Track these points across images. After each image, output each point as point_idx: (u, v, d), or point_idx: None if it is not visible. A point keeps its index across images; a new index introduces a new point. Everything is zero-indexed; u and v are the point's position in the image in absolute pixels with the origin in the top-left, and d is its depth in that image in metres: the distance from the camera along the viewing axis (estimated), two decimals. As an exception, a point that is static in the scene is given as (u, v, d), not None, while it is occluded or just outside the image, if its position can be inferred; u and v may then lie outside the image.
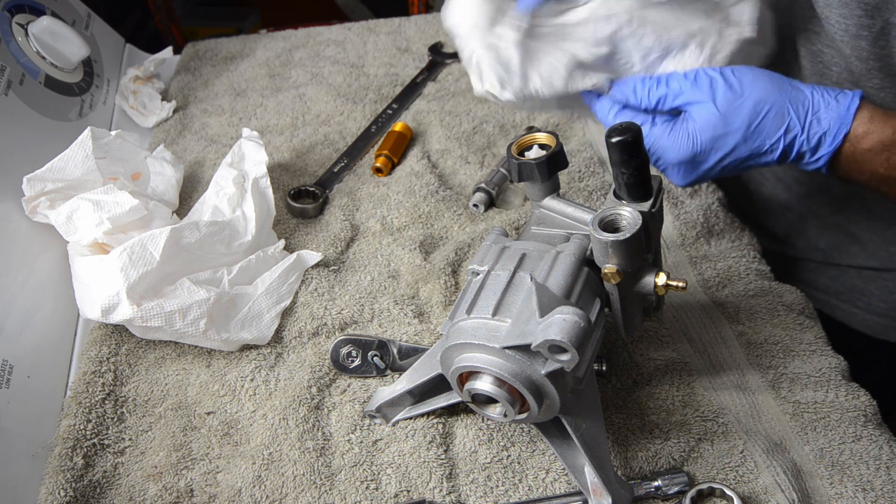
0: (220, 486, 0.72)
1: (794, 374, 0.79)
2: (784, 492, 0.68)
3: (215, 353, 0.83)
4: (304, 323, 0.85)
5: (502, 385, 0.60)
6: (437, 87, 1.24)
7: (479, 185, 1.00)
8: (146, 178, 0.95)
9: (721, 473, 0.71)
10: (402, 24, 1.41)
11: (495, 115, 1.16)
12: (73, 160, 0.85)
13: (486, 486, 0.70)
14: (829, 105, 0.69)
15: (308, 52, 1.33)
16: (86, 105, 1.08)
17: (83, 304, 0.80)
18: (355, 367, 0.80)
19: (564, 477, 0.71)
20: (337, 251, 0.94)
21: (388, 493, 0.70)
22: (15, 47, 1.00)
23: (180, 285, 0.78)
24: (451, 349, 0.62)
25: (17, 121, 0.94)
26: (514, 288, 0.62)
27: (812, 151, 0.70)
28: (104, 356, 0.81)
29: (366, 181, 1.06)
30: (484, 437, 0.73)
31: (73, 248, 0.85)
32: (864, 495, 0.68)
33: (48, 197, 0.86)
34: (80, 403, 0.76)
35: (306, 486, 0.71)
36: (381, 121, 1.16)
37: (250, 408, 0.78)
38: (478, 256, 0.68)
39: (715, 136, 0.70)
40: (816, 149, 0.70)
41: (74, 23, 1.14)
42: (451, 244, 0.94)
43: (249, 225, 0.88)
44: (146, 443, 0.75)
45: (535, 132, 0.69)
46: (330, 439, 0.75)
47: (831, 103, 0.69)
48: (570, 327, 0.53)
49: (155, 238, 0.78)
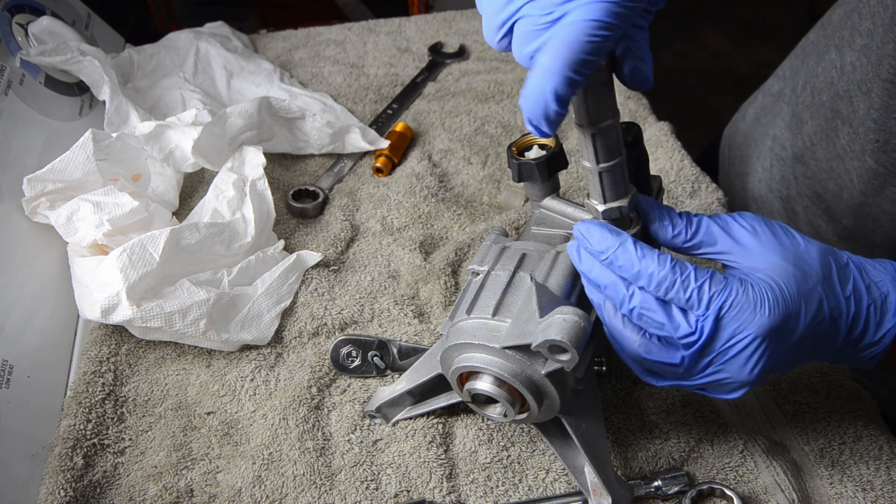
0: (220, 486, 0.72)
1: (794, 373, 0.79)
2: (784, 492, 0.68)
3: (215, 354, 0.83)
4: (304, 323, 0.85)
5: (502, 385, 0.60)
6: (438, 87, 1.24)
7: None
8: (147, 179, 0.95)
9: (721, 473, 0.71)
10: (402, 24, 1.41)
11: (497, 116, 1.16)
12: (73, 161, 0.85)
13: (486, 486, 0.70)
14: (875, 268, 0.58)
15: (308, 52, 1.33)
16: (86, 105, 1.08)
17: (83, 304, 0.80)
18: (355, 367, 0.80)
19: (564, 477, 0.71)
20: (337, 251, 0.94)
21: (388, 493, 0.70)
22: (15, 47, 1.00)
23: (180, 286, 0.78)
24: (451, 349, 0.62)
25: (17, 121, 0.94)
26: (514, 288, 0.62)
27: (876, 326, 0.56)
28: (104, 356, 0.81)
29: (366, 181, 1.06)
30: (484, 437, 0.73)
31: (73, 249, 0.85)
32: (864, 495, 0.68)
33: (48, 197, 0.86)
34: (80, 403, 0.76)
35: (306, 486, 0.71)
36: (381, 121, 1.16)
37: (250, 408, 0.78)
38: (478, 256, 0.68)
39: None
40: (881, 322, 0.56)
41: (74, 23, 1.14)
42: (451, 244, 0.94)
43: (249, 227, 0.88)
44: (146, 443, 0.75)
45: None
46: (330, 439, 0.75)
47: (876, 267, 0.58)
48: (570, 327, 0.53)
49: (155, 239, 0.78)
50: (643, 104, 1.17)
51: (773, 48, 3.27)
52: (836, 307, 0.56)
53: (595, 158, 0.55)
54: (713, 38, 3.44)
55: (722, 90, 3.09)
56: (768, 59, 1.04)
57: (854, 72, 0.80)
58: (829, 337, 0.56)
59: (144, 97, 1.10)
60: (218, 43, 1.20)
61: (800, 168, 0.93)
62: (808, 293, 0.54)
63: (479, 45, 1.34)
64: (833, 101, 0.84)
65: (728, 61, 3.30)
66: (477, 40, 1.36)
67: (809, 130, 0.90)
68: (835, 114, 0.84)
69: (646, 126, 1.12)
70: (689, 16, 3.51)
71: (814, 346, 0.57)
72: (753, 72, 1.08)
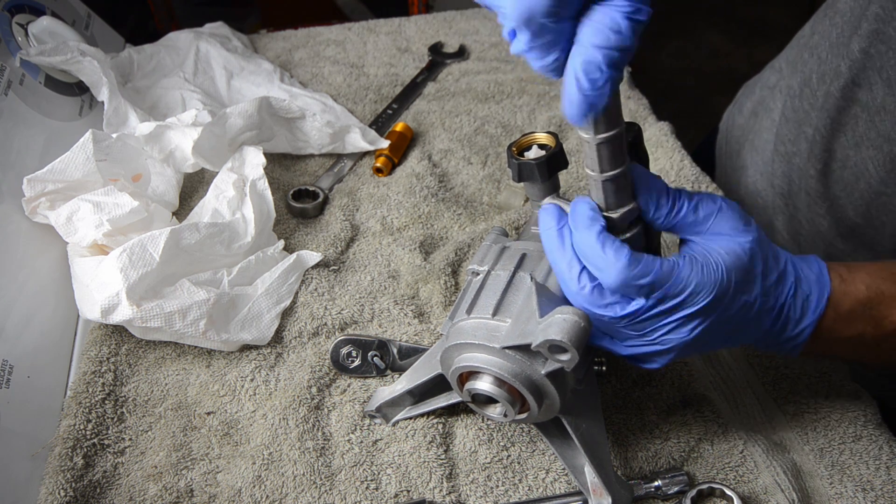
0: (220, 486, 0.72)
1: (794, 374, 0.79)
2: (784, 492, 0.68)
3: (215, 354, 0.83)
4: (304, 323, 0.85)
5: (502, 385, 0.60)
6: (438, 87, 1.24)
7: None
8: (147, 179, 0.95)
9: (721, 473, 0.71)
10: (402, 24, 1.41)
11: (497, 116, 1.16)
12: (73, 162, 0.85)
13: (486, 486, 0.70)
14: (802, 267, 0.61)
15: (308, 52, 1.33)
16: (86, 105, 1.08)
17: (83, 304, 0.80)
18: (355, 367, 0.80)
19: (564, 477, 0.71)
20: (337, 251, 0.94)
21: (388, 493, 0.70)
22: (15, 47, 1.00)
23: (180, 286, 0.78)
24: (451, 349, 0.62)
25: (17, 121, 0.94)
26: (514, 288, 0.62)
27: (796, 321, 0.61)
28: (104, 356, 0.81)
29: (366, 181, 1.06)
30: (484, 437, 0.73)
31: (73, 249, 0.85)
32: (864, 495, 0.68)
33: (48, 198, 0.86)
34: (80, 403, 0.76)
35: (306, 486, 0.71)
36: (381, 121, 1.16)
37: (250, 408, 0.78)
38: (477, 256, 0.68)
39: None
40: (801, 318, 0.61)
41: (74, 23, 1.14)
42: (451, 244, 0.94)
43: (249, 227, 0.88)
44: (146, 443, 0.75)
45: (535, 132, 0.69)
46: (330, 439, 0.75)
47: (803, 266, 0.61)
48: (570, 327, 0.53)
49: (155, 239, 0.78)
50: (643, 104, 1.17)
51: (773, 48, 3.25)
52: (766, 297, 0.59)
53: (599, 167, 0.55)
54: (713, 38, 3.44)
55: (722, 90, 3.08)
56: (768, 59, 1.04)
57: (867, 58, 0.79)
58: (752, 323, 0.60)
59: (144, 97, 1.10)
60: (218, 43, 1.20)
61: (806, 161, 0.92)
62: (745, 280, 0.58)
63: (479, 45, 1.34)
64: (845, 88, 0.83)
65: (728, 61, 3.30)
66: (477, 40, 1.36)
67: (817, 121, 0.88)
68: (848, 102, 0.83)
69: (646, 126, 1.12)
70: (688, 16, 3.51)
71: (737, 329, 0.60)
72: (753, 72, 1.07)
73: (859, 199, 0.85)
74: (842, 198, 0.88)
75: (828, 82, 0.86)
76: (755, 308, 0.59)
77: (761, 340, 0.62)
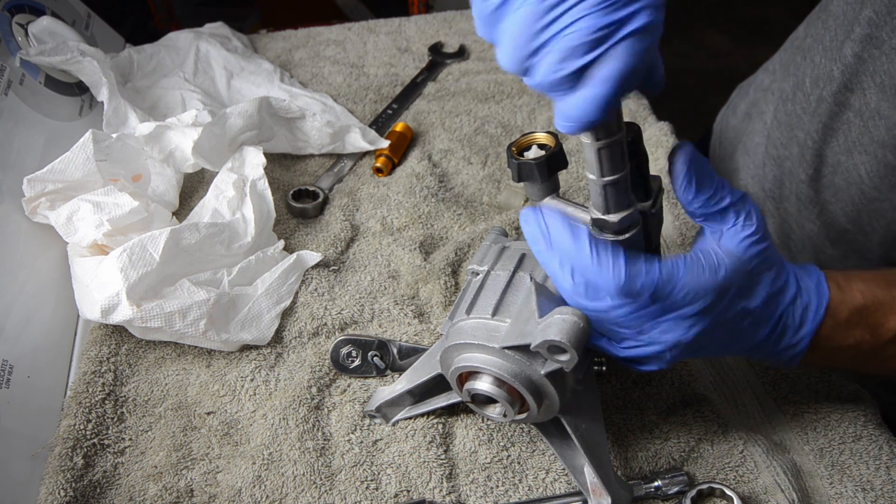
0: (220, 486, 0.72)
1: (794, 374, 0.79)
2: (784, 492, 0.68)
3: (215, 354, 0.83)
4: (304, 323, 0.85)
5: (502, 385, 0.60)
6: (438, 87, 1.24)
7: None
8: (147, 179, 0.95)
9: (721, 473, 0.71)
10: (402, 24, 1.41)
11: (497, 116, 1.16)
12: (73, 162, 0.85)
13: (486, 486, 0.70)
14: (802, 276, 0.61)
15: (308, 52, 1.33)
16: (86, 105, 1.08)
17: (83, 304, 0.80)
18: (355, 367, 0.80)
19: (564, 477, 0.71)
20: (337, 251, 0.94)
21: (388, 493, 0.70)
22: (15, 47, 1.00)
23: (180, 286, 0.78)
24: (451, 349, 0.62)
25: (17, 121, 0.94)
26: (514, 288, 0.62)
27: (795, 330, 0.60)
28: (104, 356, 0.81)
29: (366, 181, 1.06)
30: (484, 437, 0.73)
31: (73, 249, 0.85)
32: (864, 495, 0.68)
33: (48, 198, 0.86)
34: (80, 403, 0.76)
35: (306, 486, 0.71)
36: (381, 121, 1.16)
37: (250, 408, 0.78)
38: (477, 256, 0.68)
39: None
40: (800, 326, 0.60)
41: (74, 23, 1.14)
42: (451, 244, 0.94)
43: (249, 227, 0.88)
44: (146, 443, 0.75)
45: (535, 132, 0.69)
46: (330, 439, 0.75)
47: (803, 275, 0.61)
48: (569, 328, 0.53)
49: (155, 239, 0.78)
50: (643, 104, 1.17)
51: (773, 48, 3.25)
52: (766, 306, 0.59)
53: (600, 171, 0.55)
54: (713, 38, 3.44)
55: (722, 90, 3.07)
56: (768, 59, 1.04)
57: (860, 63, 0.79)
58: (750, 329, 0.60)
59: (144, 97, 1.10)
60: (218, 43, 1.20)
61: (797, 166, 0.91)
62: (748, 286, 0.58)
63: (479, 45, 1.34)
64: (838, 93, 0.82)
65: (728, 61, 3.30)
66: (477, 40, 1.36)
67: (809, 126, 0.88)
68: (841, 107, 0.83)
69: (646, 126, 1.12)
70: (688, 16, 3.50)
71: (734, 334, 0.60)
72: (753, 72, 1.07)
73: (850, 205, 0.85)
74: (832, 203, 0.87)
75: (820, 86, 0.86)
76: (754, 315, 0.59)
77: (759, 348, 0.62)
